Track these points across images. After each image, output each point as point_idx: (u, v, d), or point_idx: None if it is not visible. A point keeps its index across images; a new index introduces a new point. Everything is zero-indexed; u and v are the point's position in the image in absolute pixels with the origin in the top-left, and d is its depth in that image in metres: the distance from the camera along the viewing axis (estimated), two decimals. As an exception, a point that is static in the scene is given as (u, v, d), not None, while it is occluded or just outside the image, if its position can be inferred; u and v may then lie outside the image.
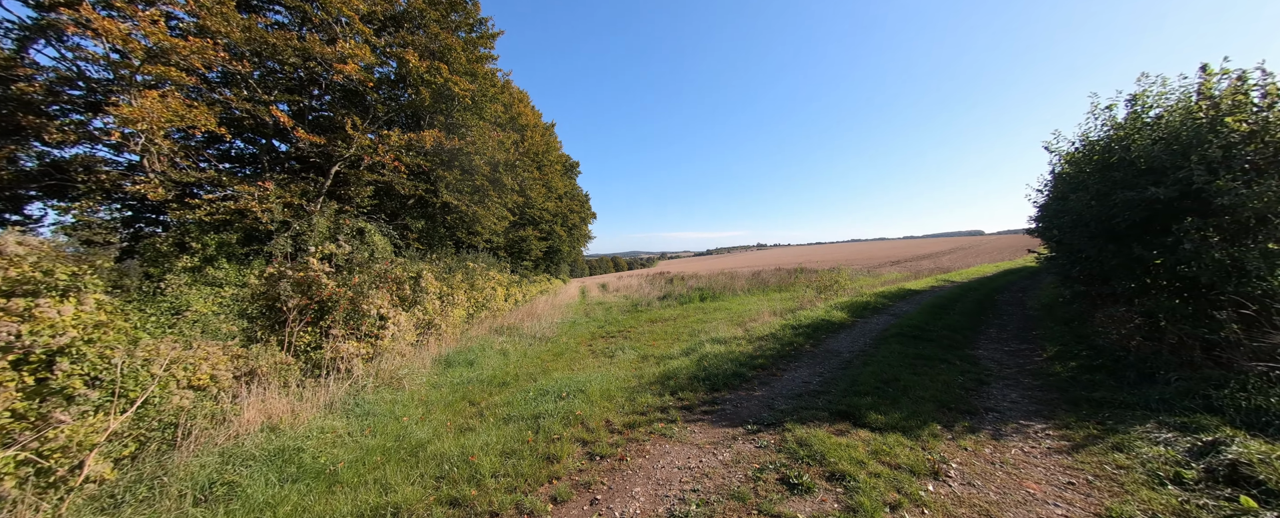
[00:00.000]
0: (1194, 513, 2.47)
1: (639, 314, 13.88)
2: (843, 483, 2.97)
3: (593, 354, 8.49)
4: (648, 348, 8.58)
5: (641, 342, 9.36)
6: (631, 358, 7.75)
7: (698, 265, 52.64)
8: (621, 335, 10.47)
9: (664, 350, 8.17)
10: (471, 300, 11.20)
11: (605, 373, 6.42)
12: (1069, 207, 5.83)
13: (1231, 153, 4.01)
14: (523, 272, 23.71)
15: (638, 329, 11.04)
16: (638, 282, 26.00)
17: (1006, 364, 5.67)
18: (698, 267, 46.30)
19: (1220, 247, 4.05)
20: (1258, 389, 3.30)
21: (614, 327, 11.78)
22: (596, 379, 5.84)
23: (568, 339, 10.29)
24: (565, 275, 36.10)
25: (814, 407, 4.46)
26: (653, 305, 15.79)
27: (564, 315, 14.43)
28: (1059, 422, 3.80)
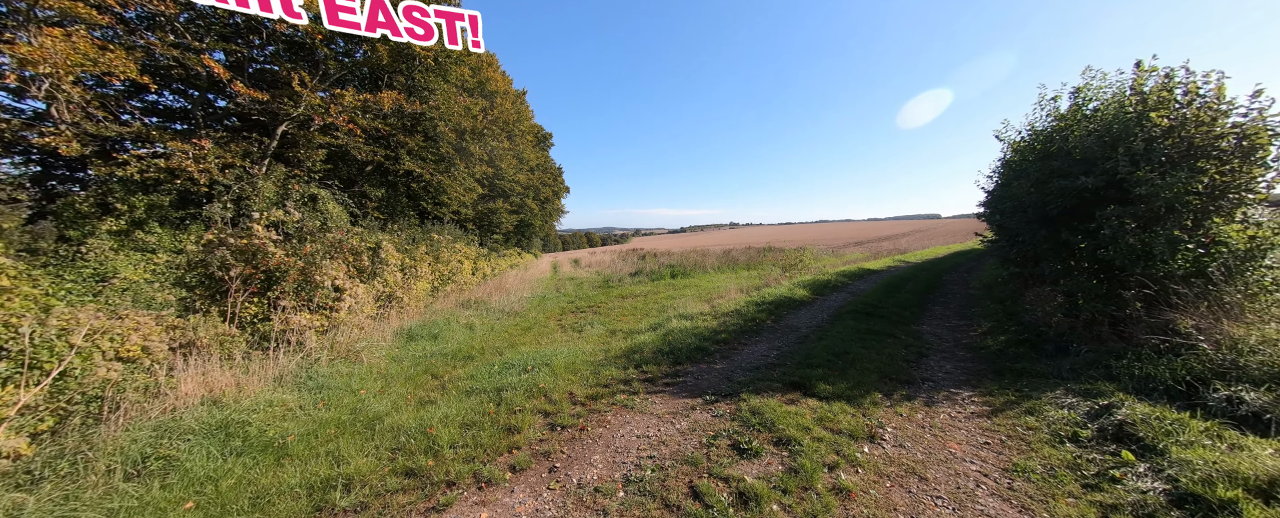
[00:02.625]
0: (1083, 464, 2.81)
1: (610, 290, 13.93)
2: (788, 447, 3.17)
3: (562, 329, 8.51)
4: (616, 323, 8.68)
5: (611, 317, 9.44)
6: (600, 333, 7.83)
7: (671, 243, 53.07)
8: (591, 311, 10.52)
9: (632, 326, 8.29)
10: (436, 273, 10.87)
11: (572, 347, 6.46)
12: (1012, 193, 6.21)
13: (1152, 146, 4.36)
14: (493, 245, 23.16)
15: (608, 305, 11.11)
16: (610, 258, 25.97)
17: (945, 339, 6.12)
18: (671, 244, 46.66)
19: (1134, 233, 4.45)
20: (1149, 360, 3.74)
21: (584, 302, 11.80)
22: (563, 353, 5.88)
23: (537, 314, 10.24)
24: (537, 250, 35.59)
25: (769, 378, 4.69)
26: (624, 281, 15.87)
27: (534, 290, 14.30)
28: (984, 390, 4.18)
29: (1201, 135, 4.27)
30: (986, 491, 2.69)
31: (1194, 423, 2.91)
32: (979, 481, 2.79)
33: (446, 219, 15.87)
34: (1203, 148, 4.27)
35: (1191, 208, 4.23)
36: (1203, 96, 4.35)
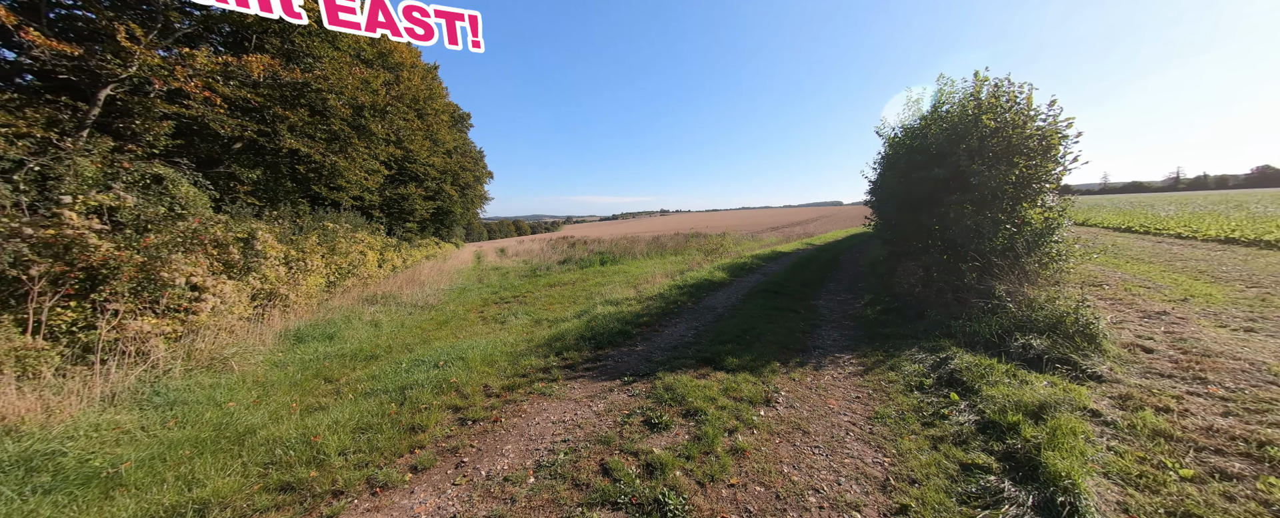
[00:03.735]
0: (924, 406, 3.40)
1: (537, 279, 13.58)
2: (696, 418, 3.40)
3: (483, 321, 8.14)
4: (542, 312, 8.52)
5: (537, 306, 9.24)
6: (524, 323, 7.63)
7: (602, 230, 52.98)
8: (517, 300, 10.19)
9: (558, 314, 8.19)
10: (332, 266, 9.68)
11: (493, 339, 6.23)
12: (887, 183, 7.16)
13: (983, 144, 5.30)
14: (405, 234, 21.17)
15: (534, 294, 10.84)
16: (539, 246, 25.24)
17: (836, 311, 6.95)
18: (602, 231, 46.53)
19: (970, 215, 5.41)
20: (975, 319, 4.61)
21: (509, 292, 11.38)
22: (481, 346, 5.64)
23: (455, 307, 9.67)
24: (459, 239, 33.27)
25: (685, 356, 4.96)
26: (552, 270, 15.55)
27: (453, 282, 13.44)
28: (860, 353, 4.84)
29: (1016, 136, 5.28)
30: (854, 437, 3.15)
31: (999, 366, 3.67)
32: (848, 429, 3.25)
33: (345, 206, 14.12)
34: (1017, 146, 5.29)
35: (1008, 195, 5.24)
36: (1018, 104, 5.37)
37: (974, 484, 2.41)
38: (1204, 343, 4.19)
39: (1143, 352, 4.05)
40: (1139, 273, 8.09)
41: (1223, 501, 2.11)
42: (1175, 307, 5.59)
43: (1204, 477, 2.28)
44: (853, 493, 2.49)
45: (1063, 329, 4.05)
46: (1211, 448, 2.52)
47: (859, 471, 2.71)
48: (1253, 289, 6.30)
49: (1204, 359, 3.79)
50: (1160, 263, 9.04)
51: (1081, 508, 1.98)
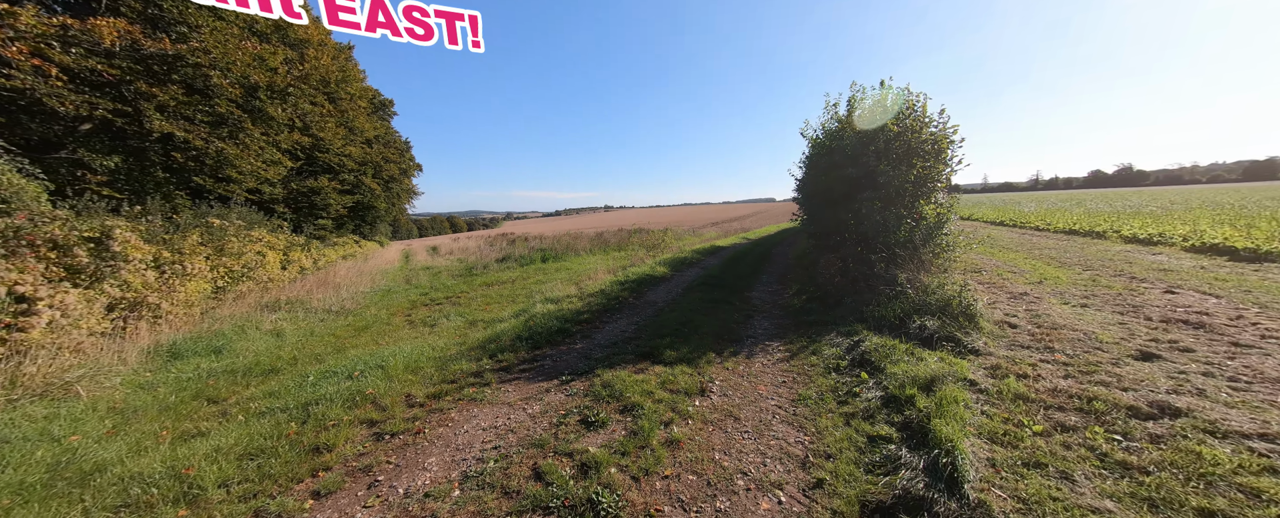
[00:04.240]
0: (839, 386, 3.72)
1: (473, 278, 12.87)
2: (633, 413, 3.41)
3: (410, 325, 7.54)
4: (478, 313, 8.09)
5: (472, 307, 8.75)
6: (457, 325, 7.19)
7: (544, 226, 51.53)
8: (449, 302, 9.58)
9: (495, 314, 7.83)
10: (220, 269, 8.39)
11: (419, 344, 5.78)
12: (810, 181, 7.72)
13: (889, 146, 5.88)
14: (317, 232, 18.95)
15: (469, 294, 10.26)
16: (476, 243, 23.93)
17: (767, 301, 7.38)
18: (544, 227, 45.26)
19: (879, 211, 5.99)
20: (882, 304, 5.13)
21: (441, 292, 10.67)
22: (405, 352, 5.20)
23: (378, 310, 8.85)
24: (383, 237, 30.54)
25: (624, 352, 4.97)
26: (490, 268, 14.83)
27: (376, 283, 12.31)
28: (787, 340, 5.18)
29: (914, 140, 5.93)
30: (779, 419, 3.35)
31: (900, 346, 4.12)
32: (774, 412, 3.46)
33: (238, 200, 12.28)
34: (915, 149, 5.94)
35: (908, 193, 5.88)
36: (916, 111, 6.03)
37: (878, 454, 2.68)
38: (1052, 318, 5.04)
39: (1009, 327, 4.77)
40: (1008, 260, 9.54)
41: (1062, 449, 2.54)
42: (1033, 288, 6.67)
43: (1050, 431, 2.73)
44: (777, 473, 2.65)
45: (950, 311, 4.64)
46: (1056, 406, 3.03)
47: (783, 451, 2.90)
48: (1087, 272, 7.71)
49: (1052, 332, 4.56)
50: (1023, 251, 10.75)
51: (959, 466, 2.28)
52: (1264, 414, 2.72)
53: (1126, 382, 3.30)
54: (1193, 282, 6.47)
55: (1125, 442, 2.54)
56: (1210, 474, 2.19)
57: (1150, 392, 3.08)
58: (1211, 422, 2.64)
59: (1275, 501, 1.98)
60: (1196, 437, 2.50)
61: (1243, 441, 2.45)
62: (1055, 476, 2.30)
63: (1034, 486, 2.21)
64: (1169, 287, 6.26)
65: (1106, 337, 4.32)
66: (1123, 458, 2.39)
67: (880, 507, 2.24)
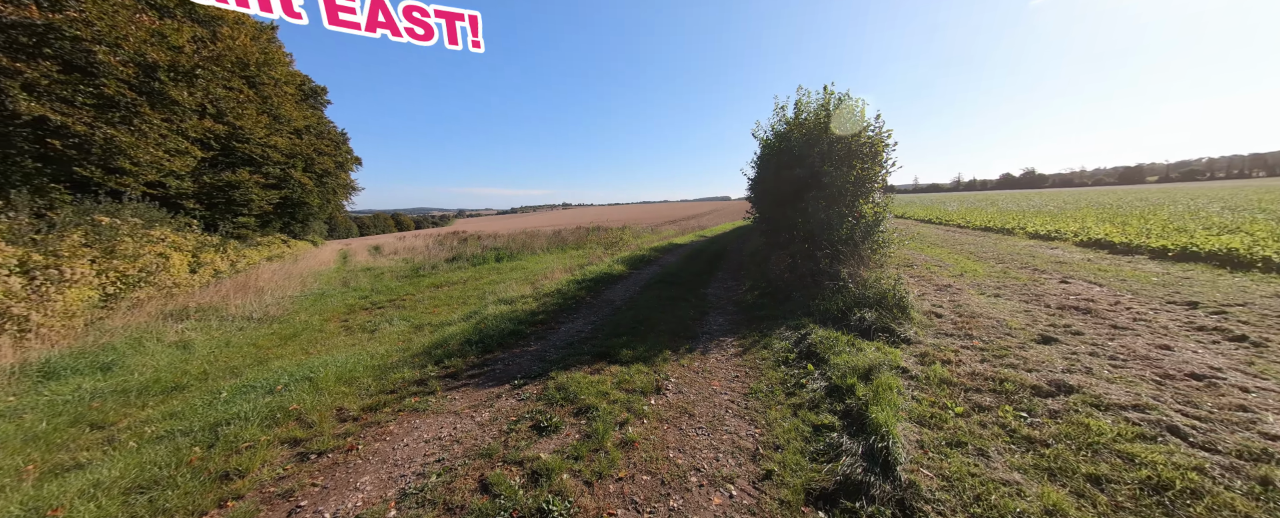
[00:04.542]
0: (788, 378, 3.88)
1: (420, 280, 12.15)
2: (587, 415, 3.35)
3: (346, 331, 6.98)
4: (425, 316, 7.64)
5: (418, 310, 8.26)
6: (401, 330, 6.74)
7: (499, 224, 49.74)
8: (393, 305, 8.97)
9: (443, 317, 7.42)
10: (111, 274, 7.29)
11: (356, 352, 5.35)
12: (762, 180, 7.99)
13: (832, 148, 6.21)
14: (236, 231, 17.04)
15: (416, 296, 9.67)
16: (424, 242, 22.62)
17: (722, 298, 7.57)
18: (499, 225, 43.68)
19: (824, 209, 6.31)
20: (827, 298, 5.42)
21: (384, 295, 9.98)
22: (338, 362, 4.79)
23: (309, 316, 8.12)
24: (318, 236, 28.08)
25: (580, 352, 4.88)
26: (439, 268, 14.08)
27: (308, 287, 11.29)
28: (740, 335, 5.33)
29: (855, 142, 6.30)
30: (732, 413, 3.43)
31: (842, 338, 4.36)
32: (727, 407, 3.53)
33: (134, 194, 10.72)
34: (855, 151, 6.32)
35: (849, 192, 6.25)
36: (856, 115, 6.39)
37: (822, 442, 2.81)
38: (971, 308, 5.56)
39: (935, 317, 5.21)
40: (934, 255, 10.44)
41: (979, 428, 2.80)
42: (955, 280, 7.34)
43: (969, 412, 3.00)
44: (729, 467, 2.70)
45: (886, 303, 4.99)
46: (974, 388, 3.34)
47: (735, 445, 2.96)
48: (999, 265, 8.61)
49: (971, 320, 5.03)
50: (947, 247, 11.83)
51: (892, 449, 2.44)
52: (1136, 388, 3.15)
53: (1030, 363, 3.70)
54: (1082, 273, 7.41)
55: (1029, 418, 2.84)
56: (1096, 443, 2.50)
57: (1049, 372, 3.48)
58: (1097, 396, 3.02)
59: (1145, 463, 2.30)
60: (1085, 411, 2.85)
61: (1120, 412, 2.83)
62: (973, 453, 2.52)
63: (956, 464, 2.41)
64: (1063, 277, 7.13)
65: (1015, 323, 4.84)
66: (1027, 433, 2.67)
67: (823, 494, 2.34)
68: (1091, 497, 2.12)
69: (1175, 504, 2.02)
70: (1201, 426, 2.62)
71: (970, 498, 2.14)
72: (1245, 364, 3.48)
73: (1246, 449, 2.36)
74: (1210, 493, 2.04)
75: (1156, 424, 2.64)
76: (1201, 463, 2.26)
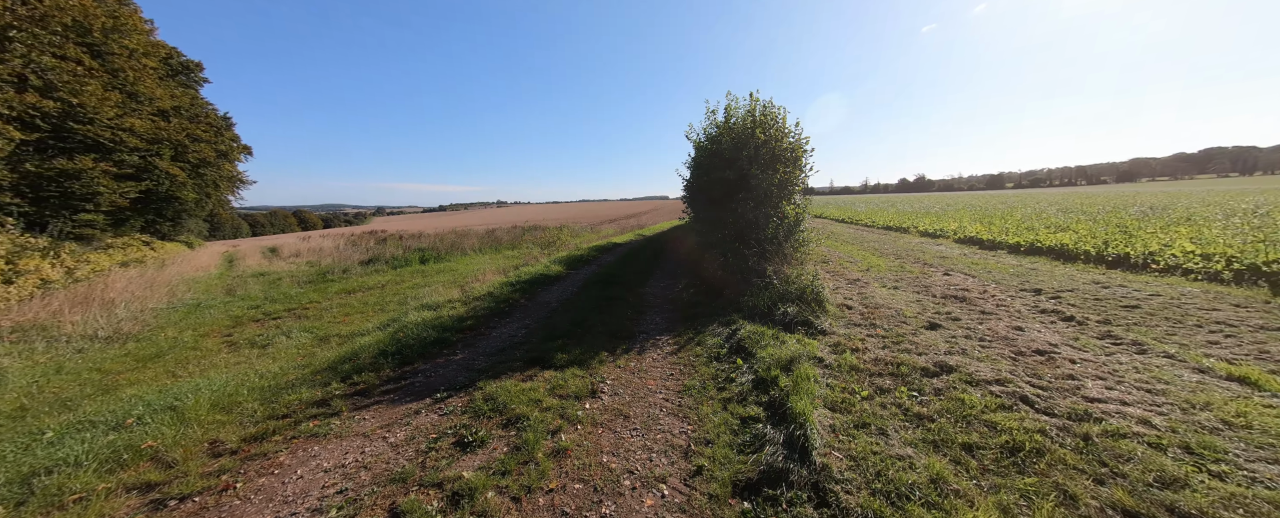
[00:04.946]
0: (719, 374, 4.03)
1: (328, 285, 10.84)
2: (517, 426, 3.19)
3: (229, 348, 6.01)
4: (332, 327, 6.83)
5: (324, 320, 7.35)
6: (301, 343, 5.95)
7: (425, 223, 46.11)
8: (293, 315, 7.91)
9: (356, 327, 6.69)
10: None
11: (240, 372, 4.61)
12: (696, 181, 8.24)
13: (758, 152, 6.57)
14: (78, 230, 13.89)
15: (322, 304, 8.60)
16: (334, 243, 20.24)
17: (660, 297, 7.69)
18: (424, 224, 40.47)
19: (752, 210, 6.67)
20: (755, 295, 5.74)
21: (280, 304, 8.75)
22: (214, 385, 4.08)
23: (179, 332, 6.89)
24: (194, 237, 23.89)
25: (512, 359, 4.66)
26: (352, 272, 12.68)
27: (179, 297, 9.57)
28: (675, 332, 5.45)
29: (778, 147, 6.73)
30: (666, 411, 3.48)
31: (768, 332, 4.64)
32: (662, 405, 3.58)
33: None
34: (779, 155, 6.75)
35: (774, 194, 6.66)
36: (778, 122, 6.84)
37: (749, 434, 2.95)
38: (875, 299, 6.23)
39: (847, 309, 5.76)
40: (846, 252, 11.57)
41: (880, 408, 3.13)
42: (863, 275, 8.18)
43: (872, 394, 3.34)
44: (662, 466, 2.73)
45: (806, 298, 5.40)
46: (877, 373, 3.73)
47: (668, 443, 3.00)
48: (897, 260, 9.76)
49: (875, 310, 5.63)
50: (857, 244, 13.18)
51: (809, 437, 2.64)
52: (998, 365, 3.73)
53: (921, 348, 4.22)
54: (960, 266, 8.66)
55: (919, 397, 3.23)
56: (969, 415, 2.91)
57: (935, 354, 4.00)
58: (969, 374, 3.53)
59: (1004, 430, 2.72)
60: (961, 387, 3.32)
61: (986, 386, 3.32)
62: (875, 433, 2.80)
63: (861, 444, 2.67)
64: (946, 269, 8.28)
65: (909, 312, 5.50)
66: (918, 411, 3.03)
67: (749, 484, 2.45)
68: (966, 463, 2.46)
69: (1026, 463, 2.41)
70: (1043, 394, 3.17)
71: (872, 475, 2.37)
72: (1073, 340, 4.29)
73: (1073, 411, 2.89)
74: (1050, 451, 2.47)
75: (1012, 395, 3.15)
76: (1043, 426, 2.73)
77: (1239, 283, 6.02)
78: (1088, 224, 12.44)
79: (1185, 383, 3.23)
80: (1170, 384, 3.22)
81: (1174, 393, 3.07)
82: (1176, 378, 3.32)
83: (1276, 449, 2.38)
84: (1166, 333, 4.37)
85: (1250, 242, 7.86)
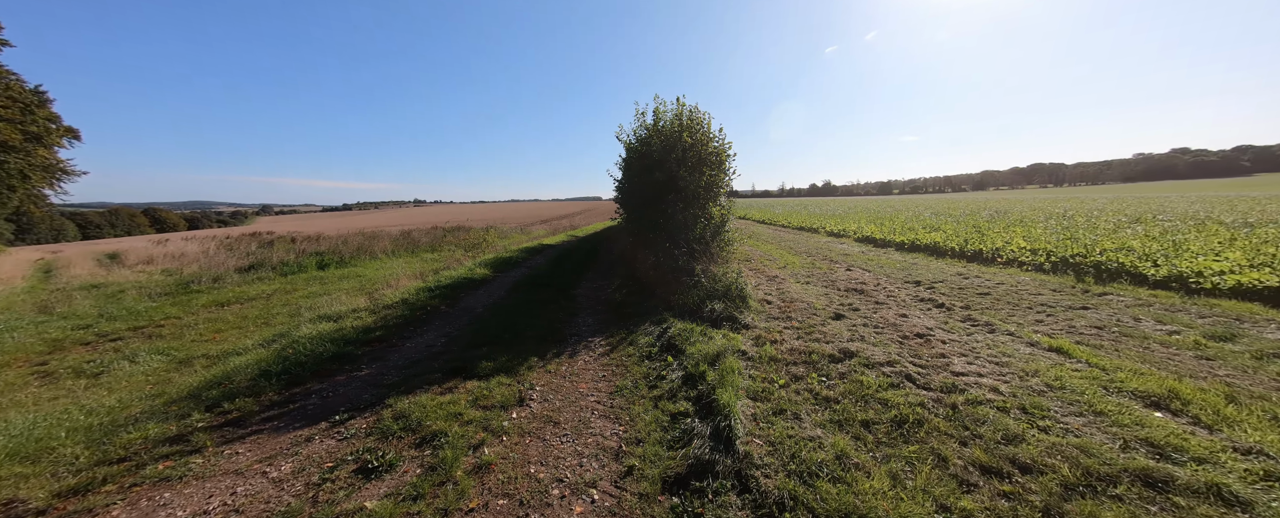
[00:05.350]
0: (651, 372, 4.08)
1: (193, 297, 9.09)
2: (433, 444, 2.92)
3: (43, 380, 4.80)
4: (197, 346, 5.73)
5: (186, 338, 6.16)
6: (152, 368, 4.91)
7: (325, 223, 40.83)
8: (140, 334, 6.53)
9: (230, 345, 5.68)
10: None
11: (57, 410, 3.67)
12: (628, 182, 8.30)
13: (685, 155, 6.80)
14: None
15: (183, 321, 7.20)
16: (202, 247, 17.05)
17: (592, 298, 7.61)
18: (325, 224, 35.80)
19: (681, 211, 6.88)
20: (685, 293, 5.93)
21: (124, 322, 7.19)
22: (13, 429, 3.18)
23: (-44, 368, 5.28)
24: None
25: (430, 370, 4.28)
26: (227, 281, 10.78)
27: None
28: (608, 333, 5.42)
29: (704, 151, 7.03)
30: (598, 414, 3.43)
31: (696, 328, 4.82)
32: (593, 408, 3.53)
33: None
34: (705, 159, 7.05)
35: (701, 196, 6.95)
36: (703, 127, 7.14)
37: (678, 429, 3.02)
38: (791, 294, 6.79)
39: (767, 304, 6.19)
40: (766, 251, 12.49)
41: (793, 395, 3.40)
42: (781, 272, 8.88)
43: (788, 382, 3.62)
44: (592, 471, 2.68)
45: (731, 294, 5.70)
46: (792, 362, 4.05)
47: (599, 446, 2.96)
48: (809, 258, 10.75)
49: (791, 304, 6.13)
50: (775, 244, 14.29)
51: (733, 426, 2.77)
52: (888, 348, 4.26)
53: (829, 336, 4.68)
54: (859, 262, 9.78)
55: (827, 382, 3.57)
56: (866, 395, 3.29)
57: (840, 342, 4.45)
58: (867, 358, 3.98)
59: (893, 405, 3.11)
60: (860, 370, 3.73)
61: (879, 368, 3.78)
62: (790, 418, 3.04)
63: (779, 430, 2.87)
64: (848, 265, 9.30)
65: (819, 304, 6.08)
66: (826, 394, 3.35)
67: (677, 478, 2.51)
68: (864, 438, 2.76)
69: (910, 433, 2.78)
70: (922, 372, 3.68)
71: (788, 457, 2.56)
72: (943, 324, 5.05)
73: (945, 385, 3.40)
74: (928, 422, 2.88)
75: (899, 374, 3.61)
76: (922, 400, 3.17)
77: (1055, 272, 7.58)
78: (953, 225, 14.82)
79: (1021, 355, 3.97)
80: (1011, 357, 3.93)
81: (1014, 364, 3.76)
82: (1015, 352, 4.07)
83: (1080, 404, 3.02)
84: (1008, 315, 5.34)
85: (1061, 239, 9.94)
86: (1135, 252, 7.86)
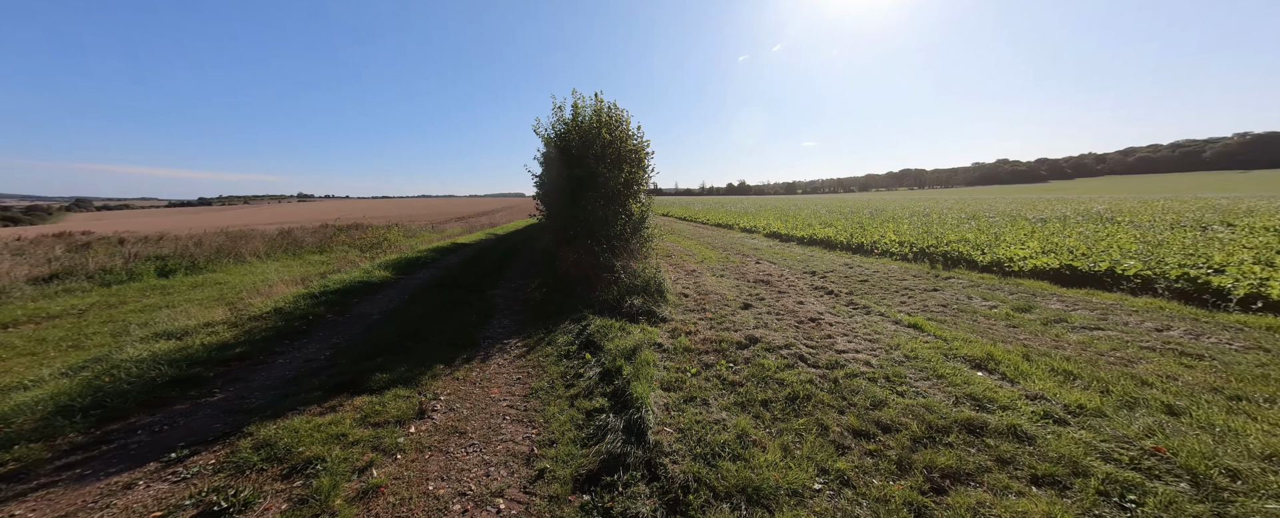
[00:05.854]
0: (569, 371, 3.99)
1: (-50, 319, 6.80)
2: (304, 472, 2.54)
3: None
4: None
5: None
6: None
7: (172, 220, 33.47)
8: None
9: (12, 378, 4.36)
10: None
11: None
12: (548, 177, 8.03)
13: (604, 151, 6.77)
14: None
15: (-70, 351, 5.32)
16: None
17: (509, 298, 7.25)
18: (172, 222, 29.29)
19: (601, 208, 6.85)
20: (605, 289, 5.93)
21: None
22: None
23: None
24: None
25: (307, 389, 3.71)
26: (14, 295, 8.30)
27: None
28: (525, 334, 5.20)
29: (623, 148, 7.06)
30: (509, 419, 3.27)
31: (615, 324, 4.84)
32: (505, 413, 3.35)
33: None
34: (624, 156, 7.09)
35: (621, 193, 6.99)
36: (622, 124, 7.18)
37: (593, 426, 3.00)
38: (706, 287, 7.16)
39: (684, 297, 6.45)
40: (686, 247, 13.03)
41: (703, 382, 3.58)
42: (698, 266, 9.33)
43: (699, 370, 3.80)
44: (501, 479, 2.54)
45: (650, 289, 5.83)
46: (704, 351, 4.26)
47: (510, 453, 2.82)
48: (724, 252, 11.45)
49: (706, 296, 6.46)
50: (695, 240, 14.98)
51: (645, 418, 2.83)
52: (786, 333, 4.70)
53: (737, 325, 5.02)
54: (767, 255, 10.66)
55: (733, 367, 3.83)
56: (767, 377, 3.58)
57: (747, 330, 4.80)
58: (769, 343, 4.35)
59: (788, 384, 3.43)
60: (763, 354, 4.06)
61: (779, 351, 4.15)
62: (700, 404, 3.19)
63: (689, 417, 2.99)
64: (757, 259, 10.09)
65: (731, 296, 6.49)
66: (732, 379, 3.58)
67: (589, 475, 2.48)
68: (763, 416, 3.00)
69: (800, 407, 3.08)
70: (813, 352, 4.12)
71: (695, 442, 2.68)
72: (831, 309, 5.72)
73: (829, 362, 3.84)
74: (815, 396, 3.22)
75: (794, 356, 4.00)
76: (812, 377, 3.54)
77: (916, 260, 9.02)
78: (842, 221, 16.89)
79: (888, 332, 4.65)
80: (881, 334, 4.58)
81: (883, 340, 4.39)
82: (884, 329, 4.75)
83: (928, 370, 3.62)
84: (881, 298, 6.22)
85: (920, 233, 11.87)
86: (970, 243, 9.69)
